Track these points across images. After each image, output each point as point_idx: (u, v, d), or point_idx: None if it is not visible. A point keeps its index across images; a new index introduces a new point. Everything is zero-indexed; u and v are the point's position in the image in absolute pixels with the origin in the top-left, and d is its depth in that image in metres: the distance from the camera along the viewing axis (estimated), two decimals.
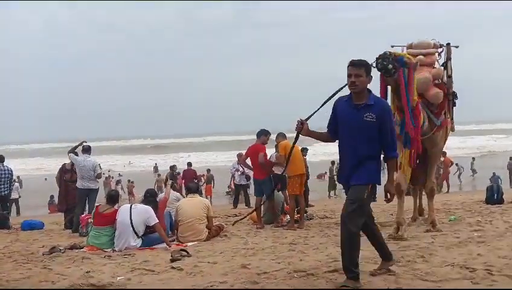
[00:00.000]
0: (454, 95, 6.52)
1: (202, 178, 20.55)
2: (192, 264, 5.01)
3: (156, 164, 34.77)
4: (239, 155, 12.93)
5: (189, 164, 18.17)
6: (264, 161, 8.21)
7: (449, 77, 6.50)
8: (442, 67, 6.47)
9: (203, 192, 18.94)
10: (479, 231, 6.01)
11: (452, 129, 7.05)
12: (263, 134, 8.37)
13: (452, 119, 6.87)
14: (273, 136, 8.51)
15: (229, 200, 18.23)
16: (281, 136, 8.25)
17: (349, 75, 3.70)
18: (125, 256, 5.85)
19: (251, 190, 13.29)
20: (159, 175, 23.76)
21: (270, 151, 8.99)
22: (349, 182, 3.78)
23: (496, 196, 9.67)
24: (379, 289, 3.63)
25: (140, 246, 6.41)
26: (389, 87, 5.54)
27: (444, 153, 19.87)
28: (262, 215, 8.37)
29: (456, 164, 21.18)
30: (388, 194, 3.86)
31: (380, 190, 4.00)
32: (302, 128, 3.93)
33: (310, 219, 8.86)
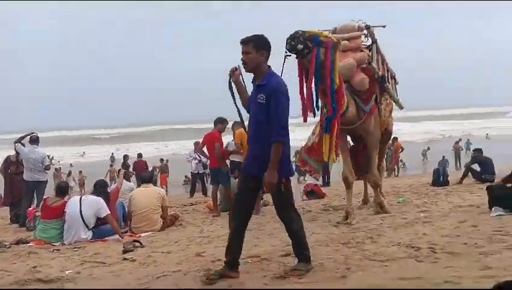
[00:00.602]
0: (383, 79, 6.21)
1: (157, 168, 20.27)
2: (145, 255, 4.93)
3: (112, 154, 33.81)
4: (196, 144, 12.82)
5: (140, 155, 18.03)
6: (220, 151, 8.14)
7: (383, 60, 6.44)
8: (369, 51, 6.22)
9: (158, 182, 18.70)
10: (425, 212, 6.29)
11: (400, 107, 7.17)
12: (220, 122, 8.28)
13: (397, 98, 6.94)
14: (230, 124, 8.47)
15: (186, 189, 18.09)
16: (238, 124, 8.19)
17: (241, 54, 3.51)
18: (75, 249, 5.67)
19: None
20: (111, 165, 23.15)
21: (228, 139, 8.96)
22: (255, 173, 3.53)
23: (441, 178, 10.17)
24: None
25: (91, 239, 6.24)
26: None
27: (396, 139, 20.71)
28: (218, 203, 8.36)
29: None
30: (265, 186, 3.52)
31: (335, 178, 4.06)
32: (236, 74, 3.73)
33: (266, 205, 8.94)
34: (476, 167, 10.16)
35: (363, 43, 6.12)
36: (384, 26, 6.22)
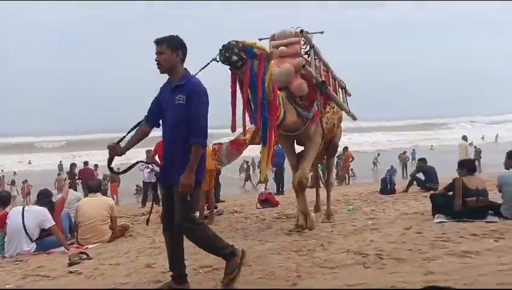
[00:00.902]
0: (324, 84, 5.92)
1: (107, 177, 19.62)
2: (92, 267, 4.75)
3: (60, 162, 32.35)
4: (147, 152, 12.54)
5: (86, 163, 17.43)
6: None
7: (327, 68, 6.33)
8: (307, 56, 5.98)
9: (109, 191, 18.11)
10: (373, 219, 6.50)
11: (353, 117, 7.24)
12: None
13: (347, 108, 6.90)
14: None
15: (138, 199, 17.63)
16: None
17: (155, 54, 3.40)
18: (17, 262, 5.37)
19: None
20: (58, 174, 22.17)
21: None
22: (172, 181, 3.38)
23: (389, 186, 10.59)
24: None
25: (34, 251, 5.92)
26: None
27: (346, 148, 21.35)
28: None
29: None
30: (180, 187, 3.29)
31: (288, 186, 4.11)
32: (114, 154, 3.54)
33: (220, 214, 8.91)
34: (420, 175, 10.67)
35: (302, 49, 5.94)
36: (322, 33, 6.12)
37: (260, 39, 5.84)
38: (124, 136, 3.59)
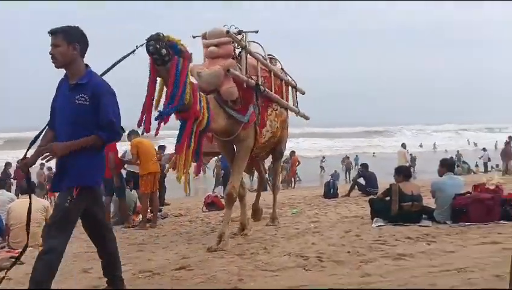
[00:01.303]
0: (258, 87, 5.54)
1: (45, 178, 18.62)
2: (24, 273, 4.46)
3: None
4: None
5: (19, 162, 16.23)
6: (115, 162, 7.76)
7: (269, 69, 5.99)
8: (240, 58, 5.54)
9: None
10: (315, 222, 6.66)
11: (305, 117, 7.06)
12: None
13: (296, 108, 6.76)
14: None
15: None
16: (133, 133, 7.88)
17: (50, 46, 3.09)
18: None
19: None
20: None
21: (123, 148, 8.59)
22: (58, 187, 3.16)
23: (331, 190, 10.90)
24: None
25: None
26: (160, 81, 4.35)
27: (293, 152, 21.74)
28: (112, 215, 7.95)
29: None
30: (49, 149, 3.05)
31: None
32: (26, 170, 3.32)
33: (165, 217, 8.75)
34: (361, 180, 11.09)
35: (236, 50, 5.51)
36: (256, 32, 5.73)
37: (194, 37, 5.48)
38: (28, 149, 3.35)
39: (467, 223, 5.65)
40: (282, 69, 6.62)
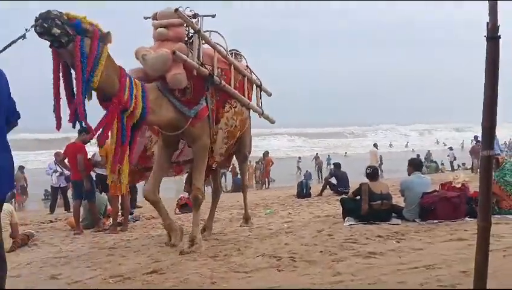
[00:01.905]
0: (212, 78, 5.00)
1: None
2: None
3: None
4: (56, 154, 11.75)
5: None
6: (84, 163, 7.57)
7: (229, 62, 5.44)
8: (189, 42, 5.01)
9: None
10: (288, 222, 6.70)
11: (270, 120, 6.39)
12: (84, 131, 7.70)
13: (259, 109, 6.08)
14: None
15: (46, 205, 16.41)
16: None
17: None
18: None
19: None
20: None
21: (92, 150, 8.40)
22: None
23: (304, 190, 11.00)
24: None
25: None
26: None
27: (267, 153, 21.83)
28: (81, 219, 7.77)
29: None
30: None
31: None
32: None
33: (136, 220, 8.61)
34: (333, 180, 11.24)
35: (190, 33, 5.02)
36: (213, 16, 5.27)
37: (145, 18, 5.05)
38: None
39: (434, 221, 5.82)
40: (247, 66, 6.15)
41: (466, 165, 22.38)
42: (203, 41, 5.08)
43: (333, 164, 13.24)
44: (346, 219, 6.27)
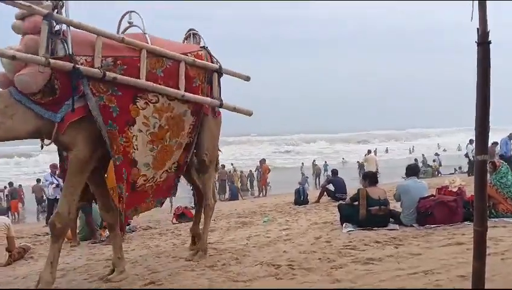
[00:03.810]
0: (78, 72, 3.88)
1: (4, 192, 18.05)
2: None
3: None
4: (52, 166, 11.69)
5: None
6: None
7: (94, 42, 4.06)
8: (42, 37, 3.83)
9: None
10: (286, 230, 6.68)
11: (247, 113, 5.17)
12: None
13: (207, 100, 4.79)
14: None
15: (43, 217, 16.31)
16: None
17: None
18: None
19: None
20: None
21: None
22: None
23: (302, 197, 10.98)
24: None
25: None
26: None
27: (264, 160, 21.83)
28: (78, 231, 7.71)
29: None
30: None
31: None
32: None
33: (133, 231, 8.57)
34: (330, 186, 11.23)
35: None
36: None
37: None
38: None
39: (432, 226, 5.82)
40: (203, 47, 5.04)
41: (462, 168, 22.42)
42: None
43: (331, 170, 13.23)
44: (344, 225, 6.26)
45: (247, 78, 5.21)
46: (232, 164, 25.69)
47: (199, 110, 4.81)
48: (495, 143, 16.74)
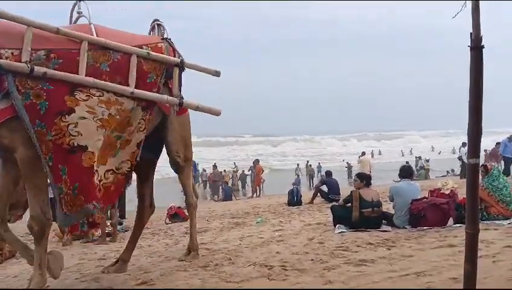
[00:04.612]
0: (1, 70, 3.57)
1: None
2: None
3: None
4: None
5: None
6: None
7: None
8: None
9: None
10: (279, 231, 6.68)
11: (214, 112, 4.71)
12: None
13: (164, 98, 4.33)
14: None
15: None
16: None
17: None
18: None
19: None
20: None
21: None
22: None
23: (295, 198, 10.99)
24: None
25: None
26: None
27: (257, 161, 21.83)
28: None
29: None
30: None
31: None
32: None
33: (126, 230, 8.52)
34: (324, 188, 11.26)
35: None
36: None
37: None
38: None
39: (424, 228, 5.85)
40: (165, 38, 4.60)
41: (455, 171, 22.57)
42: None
43: (325, 172, 13.29)
44: (337, 227, 6.28)
45: (217, 73, 4.71)
46: (234, 163, 25.84)
47: (151, 107, 4.32)
48: (499, 144, 16.88)
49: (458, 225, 5.78)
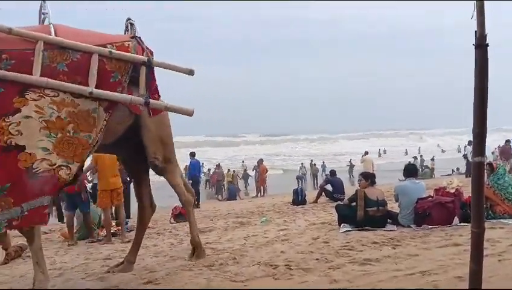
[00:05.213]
0: None
1: None
2: None
3: None
4: None
5: None
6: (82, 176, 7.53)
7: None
8: None
9: None
10: (284, 230, 6.68)
11: (186, 112, 4.25)
12: None
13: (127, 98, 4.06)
14: None
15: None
16: None
17: None
18: None
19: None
20: None
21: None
22: None
23: (300, 197, 11.00)
24: None
25: None
26: None
27: (261, 161, 21.86)
28: (75, 230, 7.70)
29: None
30: None
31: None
32: None
33: (131, 230, 8.54)
34: (328, 187, 11.25)
35: None
36: None
37: None
38: None
39: (430, 226, 5.83)
40: (134, 37, 4.32)
41: (460, 170, 22.50)
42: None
43: (329, 171, 13.28)
44: (342, 226, 6.27)
45: (190, 72, 4.34)
46: (243, 161, 25.87)
47: (114, 107, 4.09)
48: (509, 141, 16.76)
49: (463, 223, 5.76)
